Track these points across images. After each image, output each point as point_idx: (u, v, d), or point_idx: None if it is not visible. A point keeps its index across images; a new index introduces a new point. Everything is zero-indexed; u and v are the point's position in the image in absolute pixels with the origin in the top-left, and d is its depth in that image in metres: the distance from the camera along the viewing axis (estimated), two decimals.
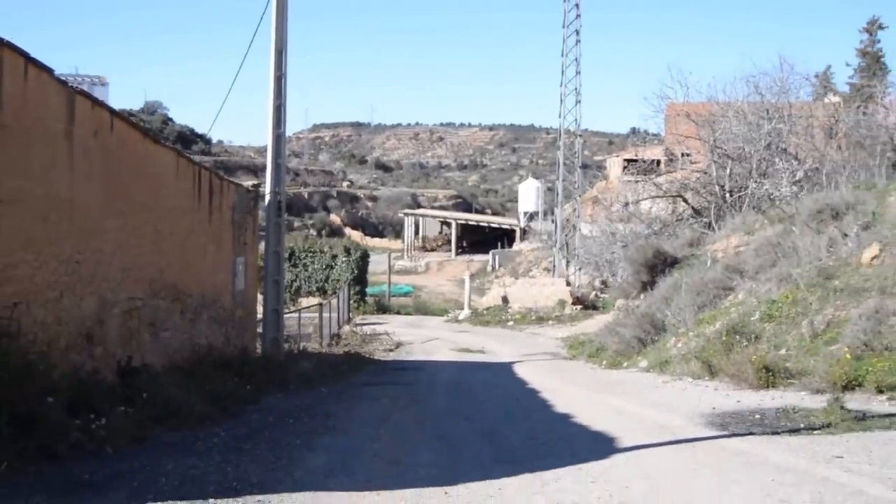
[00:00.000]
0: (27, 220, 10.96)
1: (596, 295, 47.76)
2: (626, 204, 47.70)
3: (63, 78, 12.43)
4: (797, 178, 35.08)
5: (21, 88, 10.79)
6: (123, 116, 14.73)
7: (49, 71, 11.55)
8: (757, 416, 13.16)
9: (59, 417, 9.59)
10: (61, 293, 11.83)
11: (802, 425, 12.25)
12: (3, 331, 9.83)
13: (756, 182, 36.79)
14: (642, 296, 31.59)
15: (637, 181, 50.08)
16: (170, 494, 8.01)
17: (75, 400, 10.28)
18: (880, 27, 62.44)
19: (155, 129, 31.45)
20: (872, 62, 59.05)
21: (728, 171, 39.26)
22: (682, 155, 50.29)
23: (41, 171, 11.40)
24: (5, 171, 10.46)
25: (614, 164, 70.62)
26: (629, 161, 60.11)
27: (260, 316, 22.58)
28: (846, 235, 21.78)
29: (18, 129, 10.74)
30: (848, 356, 15.08)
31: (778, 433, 11.87)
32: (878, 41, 62.21)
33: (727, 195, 38.78)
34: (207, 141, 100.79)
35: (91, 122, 12.75)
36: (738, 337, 19.31)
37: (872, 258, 19.33)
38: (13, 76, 10.58)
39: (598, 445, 11.52)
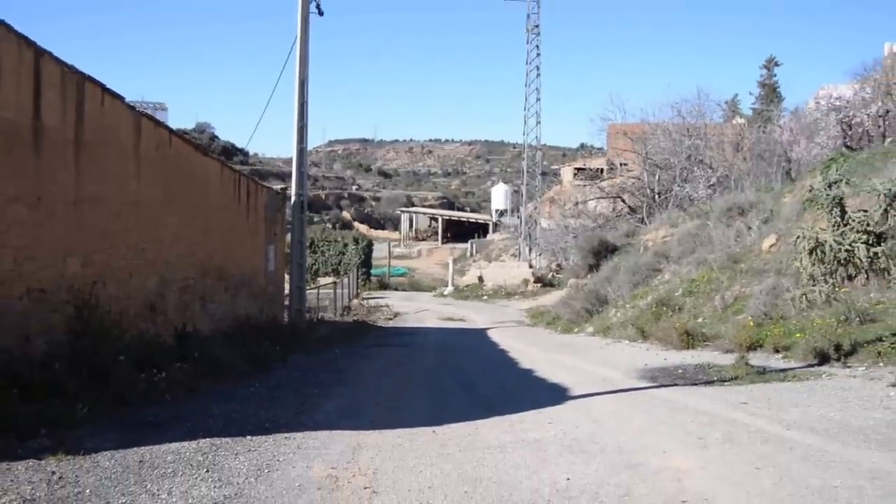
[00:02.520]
0: (104, 216, 10.98)
1: (553, 275, 47.76)
2: (576, 203, 47.83)
3: (132, 103, 12.43)
4: (711, 183, 35.39)
5: (99, 112, 10.80)
6: (179, 134, 14.72)
7: (121, 98, 11.55)
8: (680, 371, 13.28)
9: (129, 372, 9.60)
10: (130, 274, 11.85)
11: (716, 378, 12.38)
12: (85, 303, 9.85)
13: (679, 186, 37.10)
14: (589, 276, 31.69)
15: (585, 185, 50.48)
16: (216, 432, 8.03)
17: (142, 358, 10.28)
18: (776, 64, 63.29)
19: (204, 144, 31.26)
20: (770, 92, 59.53)
21: (657, 177, 39.53)
22: (621, 164, 50.53)
23: (114, 178, 11.40)
24: (87, 177, 10.47)
25: (567, 172, 70.49)
26: (579, 169, 60.47)
27: (287, 292, 22.56)
28: (750, 228, 22.00)
29: (97, 145, 10.74)
30: (751, 323, 15.27)
31: (696, 384, 11.99)
32: (775, 75, 63.07)
33: (656, 196, 39.05)
34: (245, 153, 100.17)
35: (153, 139, 12.74)
36: (664, 308, 19.50)
37: (771, 246, 19.51)
38: (92, 103, 10.59)
39: (554, 394, 11.58)
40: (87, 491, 5.86)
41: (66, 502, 5.60)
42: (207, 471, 6.65)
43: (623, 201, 44.06)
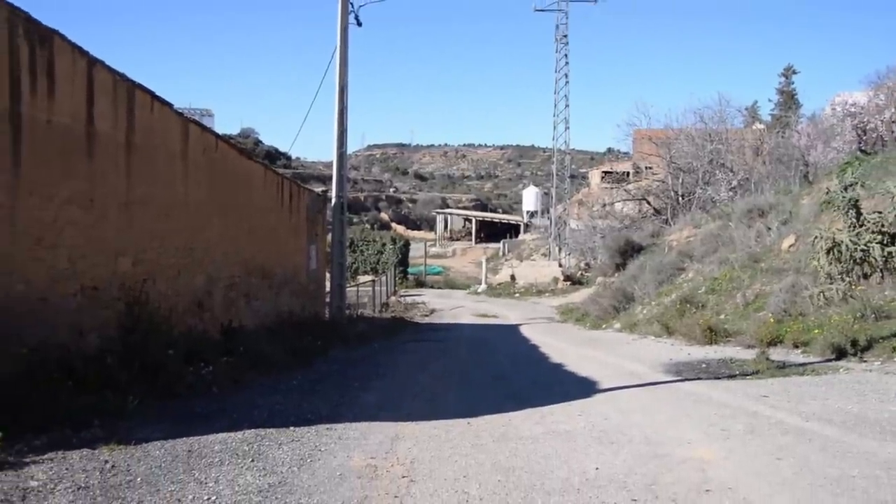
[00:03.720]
0: (153, 217, 11.05)
1: (581, 274, 47.60)
2: (604, 205, 47.74)
3: (180, 110, 12.51)
4: (732, 186, 35.14)
5: (148, 118, 10.87)
6: (224, 139, 14.79)
7: (169, 105, 11.62)
8: (703, 366, 13.13)
9: (178, 365, 9.65)
10: (179, 272, 11.91)
11: (738, 372, 12.23)
12: (136, 300, 9.92)
13: (701, 188, 36.90)
14: (616, 274, 31.57)
15: (612, 188, 50.37)
16: (261, 423, 8.04)
17: (190, 352, 10.34)
18: (794, 72, 63.46)
19: (248, 149, 31.52)
20: (788, 98, 59.36)
21: (680, 180, 39.31)
22: (646, 168, 50.42)
23: (164, 180, 11.47)
24: (138, 180, 10.54)
25: (595, 175, 70.28)
26: (606, 172, 60.28)
27: (328, 289, 22.62)
28: (770, 229, 21.76)
29: (147, 149, 10.81)
30: (772, 320, 15.11)
31: (719, 378, 11.84)
32: (793, 83, 63.30)
33: (680, 198, 38.86)
34: (288, 157, 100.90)
35: (200, 144, 12.81)
36: (688, 305, 19.34)
37: (790, 246, 19.30)
38: (142, 110, 10.66)
39: (584, 387, 11.49)
40: (139, 479, 5.88)
41: (119, 490, 5.61)
42: (253, 460, 6.66)
43: (648, 203, 43.87)
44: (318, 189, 24.02)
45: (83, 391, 7.65)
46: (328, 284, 22.65)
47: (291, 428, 7.98)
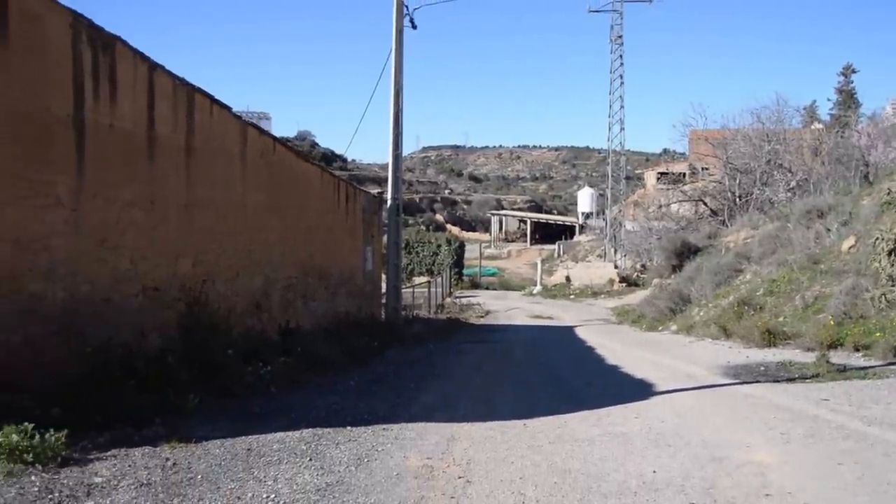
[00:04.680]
0: (213, 219, 11.20)
1: (637, 275, 47.09)
2: (660, 206, 47.13)
3: (238, 113, 12.66)
4: (791, 187, 34.54)
5: (208, 122, 11.02)
6: (282, 141, 14.94)
7: (228, 108, 11.78)
8: (762, 368, 12.89)
9: (237, 365, 9.78)
10: (238, 273, 12.06)
11: (797, 375, 11.98)
12: (196, 301, 10.06)
13: (759, 189, 36.31)
14: (672, 276, 31.15)
15: (668, 189, 49.80)
16: (318, 423, 8.09)
17: (248, 352, 10.46)
18: (853, 71, 62.33)
19: (305, 151, 31.86)
20: (847, 98, 58.21)
21: (737, 181, 38.67)
22: (702, 169, 49.79)
23: (223, 182, 11.63)
24: (197, 182, 10.70)
25: (650, 176, 69.59)
26: (662, 174, 59.65)
27: (383, 290, 22.72)
28: (829, 230, 21.30)
29: (206, 152, 10.97)
30: (832, 322, 14.82)
31: (778, 381, 11.61)
32: (852, 82, 62.22)
33: (737, 199, 38.25)
34: (344, 159, 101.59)
35: (258, 146, 12.95)
36: (746, 307, 19.01)
37: (850, 247, 18.88)
38: (202, 113, 10.81)
39: (640, 389, 11.36)
40: (199, 476, 5.95)
41: (180, 487, 5.69)
42: (310, 459, 6.70)
43: (705, 204, 43.24)
44: (374, 191, 24.13)
45: (145, 390, 7.79)
46: (384, 285, 22.74)
47: (348, 428, 8.02)
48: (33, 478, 5.41)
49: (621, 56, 55.05)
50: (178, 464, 6.21)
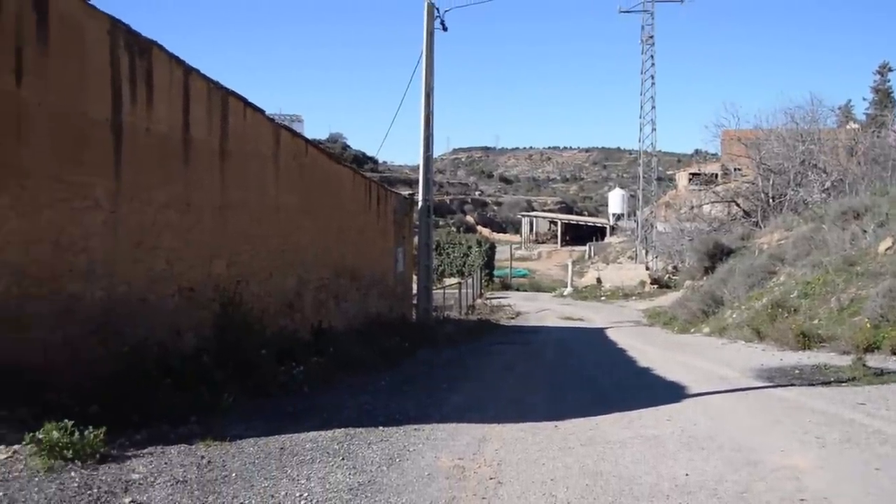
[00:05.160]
0: (246, 221, 11.31)
1: (669, 277, 46.79)
2: (692, 207, 46.74)
3: (271, 116, 12.77)
4: (826, 187, 34.06)
5: (241, 125, 11.13)
6: (314, 144, 15.06)
7: (261, 111, 11.89)
8: (796, 372, 12.73)
9: (270, 364, 9.86)
10: (271, 274, 12.17)
11: (833, 379, 11.82)
12: (230, 301, 10.16)
13: (793, 190, 35.84)
14: (705, 278, 30.89)
15: (700, 190, 49.42)
16: (350, 422, 8.13)
17: (281, 352, 10.55)
18: (889, 69, 61.15)
19: (337, 153, 31.98)
20: (884, 97, 57.19)
21: (771, 182, 38.22)
22: (735, 170, 49.31)
23: (256, 185, 11.73)
24: (231, 184, 10.81)
25: (682, 177, 69.10)
26: (693, 174, 59.20)
27: (414, 291, 22.78)
28: (865, 231, 21.00)
29: (240, 154, 11.08)
30: (868, 325, 14.60)
31: (813, 385, 11.45)
32: (888, 80, 60.97)
33: (770, 200, 37.80)
34: (375, 161, 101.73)
35: (291, 149, 13.05)
36: (780, 310, 18.78)
37: (886, 249, 18.62)
38: (235, 116, 10.92)
39: (672, 392, 11.28)
40: (233, 475, 6.01)
41: (215, 484, 5.75)
42: (343, 458, 6.74)
43: (737, 205, 42.79)
44: (405, 192, 24.21)
45: (180, 389, 7.88)
46: (415, 286, 22.80)
47: (380, 428, 8.06)
48: (73, 474, 5.51)
49: (652, 56, 54.74)
50: (212, 462, 6.28)
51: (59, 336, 7.47)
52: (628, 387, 12.10)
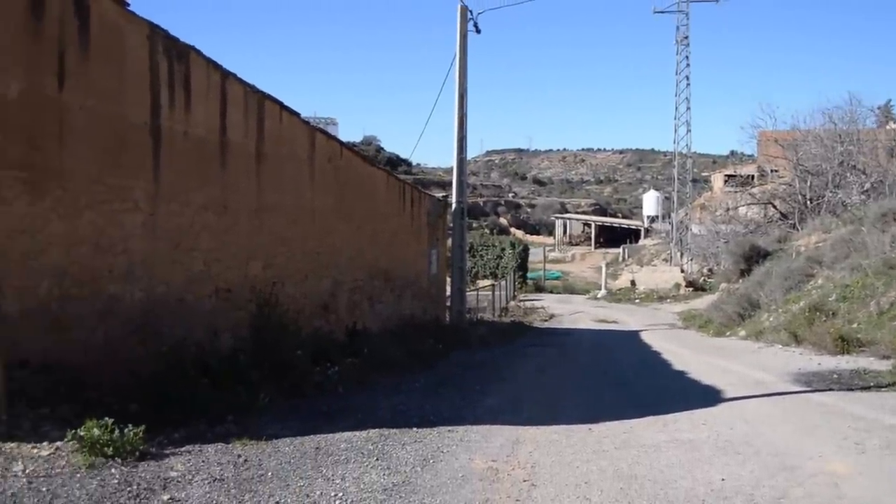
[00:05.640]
0: (282, 223, 11.41)
1: (704, 279, 46.39)
2: (727, 209, 46.22)
3: (306, 119, 12.86)
4: (865, 189, 33.50)
5: (277, 128, 11.23)
6: (348, 146, 15.14)
7: (297, 114, 11.98)
8: (835, 376, 12.55)
9: (305, 365, 9.94)
10: (306, 275, 12.26)
11: (872, 384, 11.63)
12: (266, 302, 10.25)
13: (831, 192, 35.31)
14: (741, 280, 30.55)
15: (736, 191, 48.89)
16: (384, 423, 8.17)
17: (316, 352, 10.63)
18: None
19: (371, 156, 32.10)
20: None
21: (808, 183, 37.67)
22: (771, 171, 48.60)
23: (291, 187, 11.83)
24: (267, 187, 10.91)
25: (717, 179, 68.43)
26: (729, 176, 58.60)
27: (448, 293, 22.81)
28: None
29: (275, 157, 11.18)
30: None
31: (852, 390, 11.28)
32: None
33: (808, 202, 37.28)
34: (409, 164, 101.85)
35: (326, 151, 13.15)
36: (818, 313, 18.52)
37: None
38: (271, 119, 11.03)
39: (707, 396, 11.17)
40: (269, 474, 6.07)
41: (251, 483, 5.81)
42: (377, 459, 6.77)
43: (774, 207, 42.25)
44: (439, 194, 24.27)
45: (217, 388, 7.97)
46: (448, 288, 22.83)
47: (414, 429, 8.08)
48: (113, 470, 5.59)
49: (687, 57, 54.22)
50: (249, 460, 6.35)
51: (100, 336, 7.60)
52: (663, 390, 12.01)
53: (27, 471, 5.30)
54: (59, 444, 5.83)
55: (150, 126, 8.43)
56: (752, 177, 51.42)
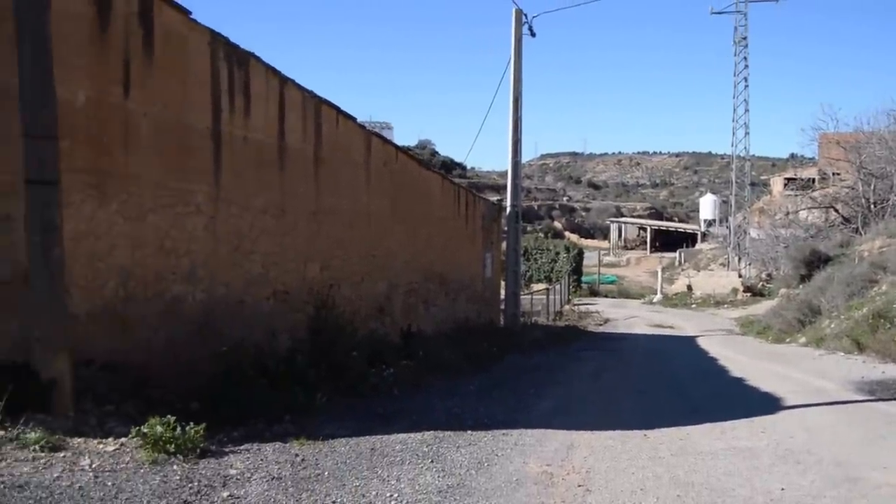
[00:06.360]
0: (339, 226, 11.54)
1: (762, 285, 45.55)
2: (787, 213, 45.35)
3: (362, 123, 13.00)
4: None
5: (334, 132, 11.37)
6: (404, 150, 15.25)
7: (353, 119, 12.13)
8: None
9: (361, 366, 10.01)
10: (362, 278, 12.38)
11: None
12: (323, 304, 10.37)
13: None
14: (801, 286, 29.95)
15: (796, 195, 47.86)
16: (439, 425, 8.18)
17: (372, 354, 10.70)
18: None
19: (426, 160, 32.31)
20: None
21: (872, 187, 36.76)
22: (833, 174, 47.53)
23: (348, 191, 11.95)
24: (324, 191, 11.05)
25: (777, 182, 67.18)
26: (789, 179, 57.52)
27: (502, 297, 22.78)
28: None
29: (332, 161, 11.31)
30: None
31: None
32: None
33: (872, 206, 36.36)
34: (463, 167, 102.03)
35: (381, 155, 13.25)
36: (882, 320, 18.07)
37: None
38: (328, 124, 11.17)
39: (766, 403, 10.97)
40: (326, 473, 6.14)
41: (308, 482, 5.88)
42: (432, 461, 6.79)
43: (836, 211, 41.30)
44: (493, 198, 24.28)
45: (275, 388, 8.08)
46: (503, 292, 22.81)
47: (468, 431, 8.09)
48: (175, 467, 5.71)
49: (746, 58, 53.53)
50: (306, 460, 6.42)
51: (163, 336, 7.77)
52: (721, 397, 11.84)
53: (94, 465, 5.44)
54: (123, 440, 5.97)
55: (211, 131, 8.60)
56: (813, 180, 50.44)
